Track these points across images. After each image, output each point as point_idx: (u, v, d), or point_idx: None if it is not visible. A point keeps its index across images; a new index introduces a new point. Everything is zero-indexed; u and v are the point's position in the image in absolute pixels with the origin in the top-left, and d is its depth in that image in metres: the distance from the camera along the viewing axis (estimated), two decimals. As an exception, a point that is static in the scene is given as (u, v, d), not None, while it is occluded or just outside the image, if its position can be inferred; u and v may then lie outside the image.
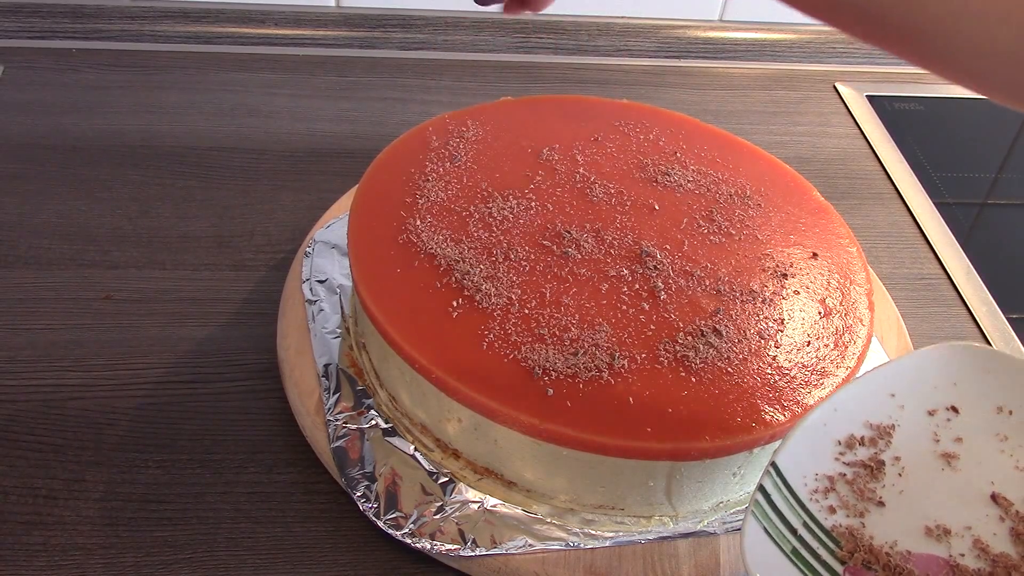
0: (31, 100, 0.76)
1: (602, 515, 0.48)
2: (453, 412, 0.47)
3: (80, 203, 0.67)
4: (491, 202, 0.55)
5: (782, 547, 0.38)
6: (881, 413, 0.43)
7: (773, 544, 0.38)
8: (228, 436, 0.53)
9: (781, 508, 0.39)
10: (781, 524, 0.39)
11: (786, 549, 0.38)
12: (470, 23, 0.88)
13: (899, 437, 0.43)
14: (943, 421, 0.44)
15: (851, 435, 0.42)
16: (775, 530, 0.39)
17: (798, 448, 0.41)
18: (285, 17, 0.86)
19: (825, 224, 0.57)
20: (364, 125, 0.78)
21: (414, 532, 0.46)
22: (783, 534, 0.38)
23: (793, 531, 0.39)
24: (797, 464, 0.40)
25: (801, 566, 0.38)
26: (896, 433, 0.43)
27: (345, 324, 0.56)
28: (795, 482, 0.40)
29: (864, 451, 0.42)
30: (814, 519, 0.40)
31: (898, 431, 0.43)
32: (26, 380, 0.55)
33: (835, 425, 0.42)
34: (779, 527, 0.39)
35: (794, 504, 0.39)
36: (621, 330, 0.48)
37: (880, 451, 0.42)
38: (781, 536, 0.38)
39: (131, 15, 0.84)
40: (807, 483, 0.40)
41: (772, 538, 0.38)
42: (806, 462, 0.41)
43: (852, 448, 0.42)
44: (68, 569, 0.46)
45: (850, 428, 0.42)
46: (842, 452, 0.42)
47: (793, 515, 0.39)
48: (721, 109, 0.85)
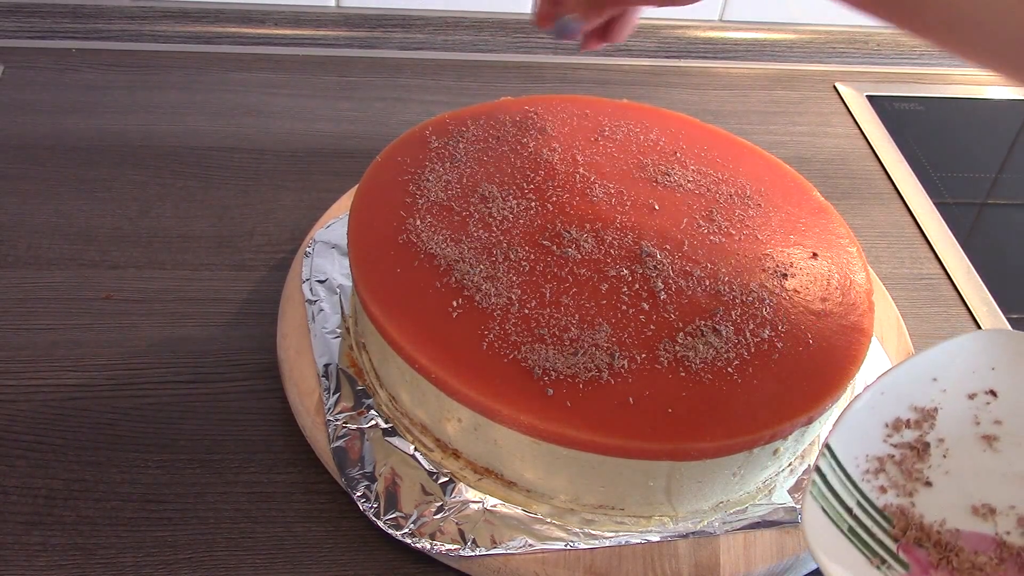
0: (31, 100, 0.76)
1: (602, 515, 0.48)
2: (453, 412, 0.47)
3: (80, 203, 0.67)
4: (491, 202, 0.55)
5: (839, 526, 0.39)
6: (924, 397, 0.44)
7: (831, 523, 0.39)
8: (228, 436, 0.53)
9: (836, 488, 0.41)
10: (837, 504, 0.40)
11: (843, 528, 0.39)
12: (470, 23, 0.88)
13: (942, 419, 0.44)
14: (983, 404, 0.45)
15: (897, 418, 0.44)
16: (832, 510, 0.40)
17: (849, 431, 0.42)
18: (285, 17, 0.86)
19: (825, 224, 0.57)
20: (364, 125, 0.78)
21: (414, 532, 0.46)
22: (840, 513, 0.40)
23: (848, 510, 0.40)
24: (849, 446, 0.42)
25: (858, 543, 0.39)
26: (939, 416, 0.44)
27: (345, 324, 0.56)
28: (848, 463, 0.41)
29: (910, 433, 0.43)
30: (867, 499, 0.41)
31: (941, 414, 0.44)
32: (26, 380, 0.55)
33: (882, 408, 0.44)
34: (836, 507, 0.40)
35: (848, 485, 0.41)
36: (621, 330, 0.48)
37: (925, 433, 0.44)
38: (838, 515, 0.40)
39: (131, 15, 0.84)
40: (859, 464, 0.42)
41: (830, 517, 0.40)
42: (857, 444, 0.42)
43: (899, 430, 0.43)
44: (68, 569, 0.46)
45: (896, 411, 0.44)
46: (890, 434, 0.43)
47: (848, 495, 0.41)
48: (721, 109, 0.85)
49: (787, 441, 0.48)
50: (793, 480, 0.51)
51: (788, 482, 0.51)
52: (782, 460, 0.50)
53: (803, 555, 0.48)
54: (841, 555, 0.38)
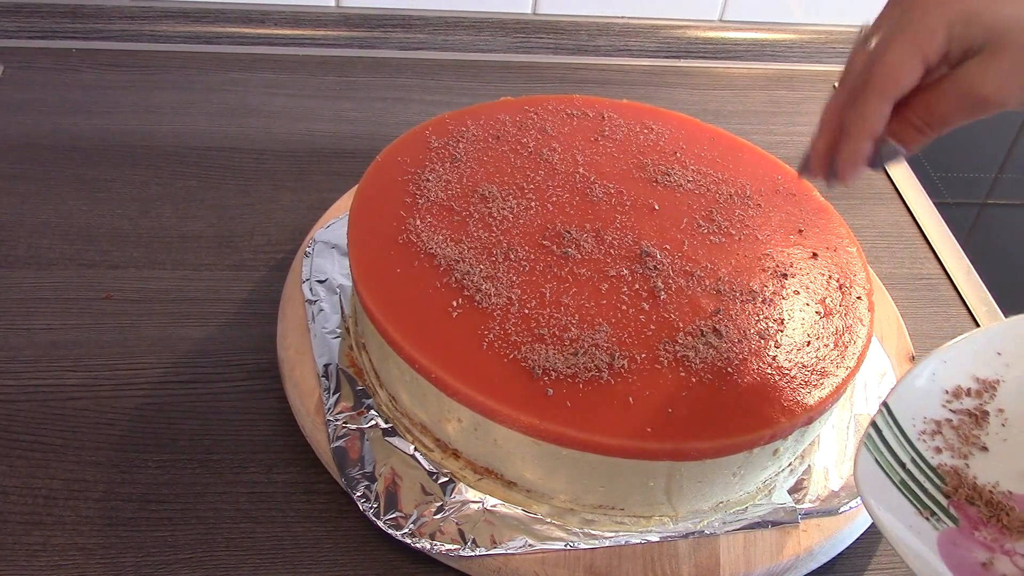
0: (31, 100, 0.76)
1: (602, 515, 0.48)
2: (453, 412, 0.47)
3: (80, 203, 0.67)
4: (491, 202, 0.55)
5: (891, 477, 0.40)
6: (988, 368, 0.45)
7: (883, 473, 0.40)
8: (228, 436, 0.53)
9: (891, 444, 0.41)
10: (891, 457, 0.41)
11: (894, 479, 0.40)
12: (470, 23, 0.88)
13: (1003, 391, 0.45)
14: None
15: (958, 386, 0.44)
16: (885, 462, 0.41)
17: (908, 393, 0.43)
18: (285, 17, 0.86)
19: (825, 224, 0.57)
20: (364, 125, 0.78)
21: (414, 532, 0.46)
22: (892, 466, 0.41)
23: (902, 465, 0.41)
24: (907, 407, 0.42)
25: (908, 495, 0.40)
26: (1000, 388, 0.45)
27: (345, 324, 0.56)
28: (904, 422, 0.42)
29: (970, 401, 0.44)
30: (921, 457, 0.42)
31: (1002, 386, 0.45)
32: (26, 380, 0.55)
33: (944, 376, 0.45)
34: (889, 459, 0.41)
35: (903, 442, 0.42)
36: (621, 330, 0.48)
37: (985, 403, 0.44)
38: (890, 467, 0.41)
39: (131, 15, 0.84)
40: (915, 424, 0.42)
41: (882, 468, 0.41)
42: (915, 406, 0.43)
43: (959, 397, 0.44)
44: (68, 569, 0.46)
45: (957, 379, 0.45)
46: (949, 400, 0.44)
47: (902, 451, 0.42)
48: (721, 109, 0.85)
49: (787, 441, 0.48)
50: (793, 480, 0.51)
51: (788, 482, 0.51)
52: (782, 460, 0.50)
53: (803, 555, 0.48)
54: (890, 502, 0.39)
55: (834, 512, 0.50)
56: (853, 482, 0.51)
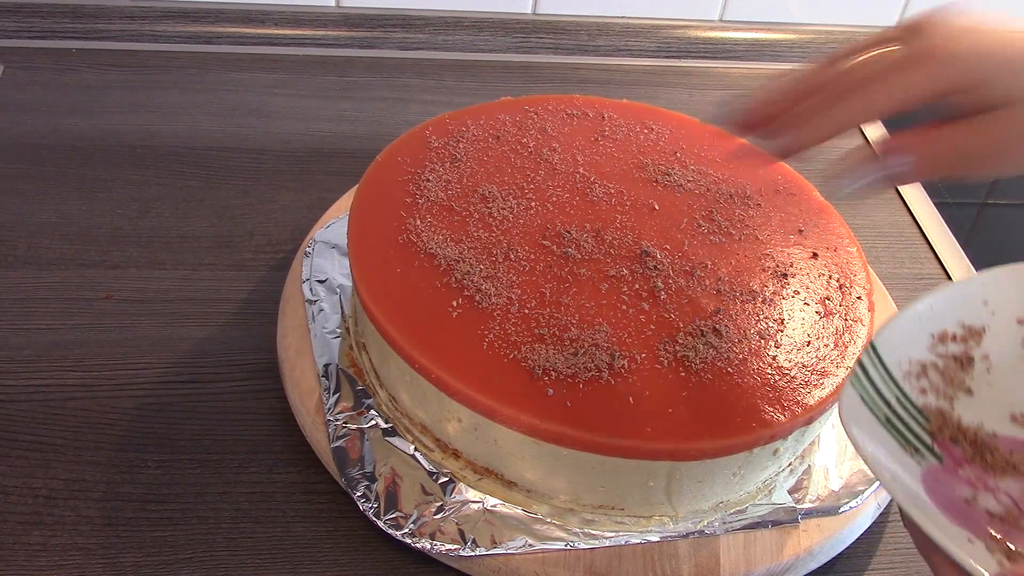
0: (31, 100, 0.76)
1: (602, 515, 0.48)
2: (453, 412, 0.47)
3: (80, 203, 0.67)
4: (491, 202, 0.55)
5: (875, 413, 0.40)
6: (974, 316, 0.45)
7: (868, 409, 0.40)
8: (228, 436, 0.53)
9: (876, 382, 0.42)
10: (876, 395, 0.41)
11: (879, 416, 0.40)
12: (470, 23, 0.88)
13: (988, 339, 0.45)
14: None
15: (944, 330, 0.44)
16: (870, 398, 0.41)
17: (895, 334, 0.43)
18: (285, 17, 0.86)
19: (825, 224, 0.57)
20: (364, 125, 0.78)
21: (414, 532, 0.46)
22: (877, 403, 0.41)
23: (887, 403, 0.41)
24: (893, 348, 0.43)
25: (892, 431, 0.40)
26: (986, 335, 0.45)
27: (345, 324, 0.56)
28: (890, 363, 0.42)
29: (955, 346, 0.44)
30: (906, 396, 0.42)
31: (988, 334, 0.45)
32: (26, 380, 0.55)
33: (930, 320, 0.45)
34: (874, 396, 0.41)
35: (888, 381, 0.42)
36: (621, 330, 0.48)
37: (970, 349, 0.44)
38: (875, 404, 0.41)
39: (131, 15, 0.84)
40: (901, 365, 0.43)
41: (867, 404, 0.41)
42: (901, 347, 0.43)
43: (944, 342, 0.44)
44: (68, 569, 0.46)
45: (944, 325, 0.45)
46: (935, 344, 0.44)
47: (887, 390, 0.42)
48: (721, 109, 0.85)
49: (787, 441, 0.48)
50: (793, 480, 0.51)
51: (788, 482, 0.51)
52: (782, 460, 0.50)
53: (803, 555, 0.48)
54: (874, 435, 0.39)
55: (834, 512, 0.50)
56: (848, 480, 0.52)
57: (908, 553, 0.52)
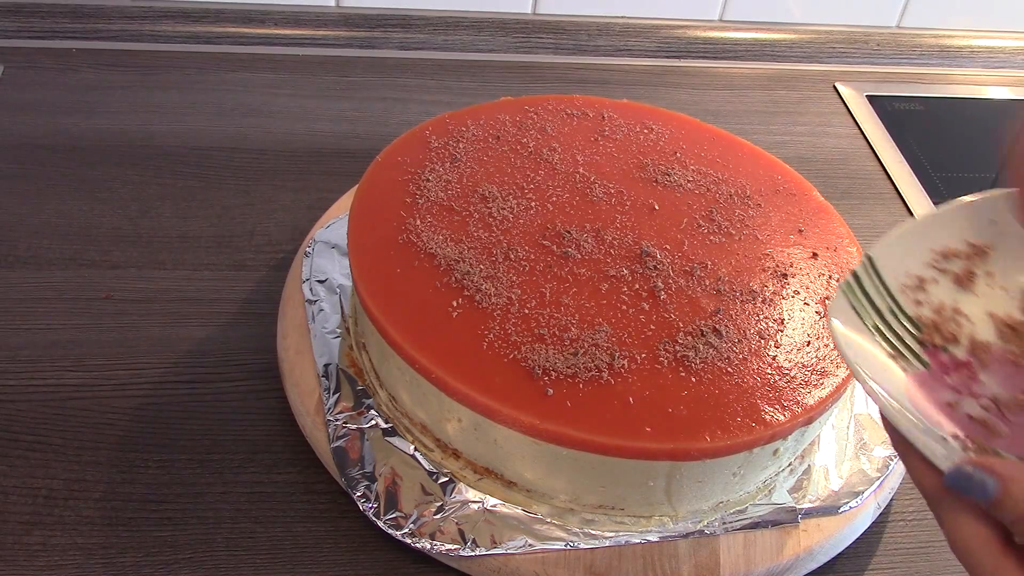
0: (31, 100, 0.76)
1: (602, 515, 0.48)
2: (453, 412, 0.47)
3: (80, 203, 0.67)
4: (491, 202, 0.55)
5: (865, 321, 0.40)
6: (980, 234, 0.44)
7: (856, 316, 0.40)
8: (228, 436, 0.53)
9: (870, 292, 0.41)
10: (867, 303, 0.41)
11: (868, 324, 0.40)
12: (470, 23, 0.88)
13: (994, 257, 0.44)
14: None
15: (947, 247, 0.44)
16: (861, 306, 0.40)
17: (894, 246, 0.42)
18: (285, 17, 0.86)
19: (825, 224, 0.57)
20: (364, 125, 0.78)
21: (414, 532, 0.46)
22: (867, 311, 0.41)
23: (878, 312, 0.41)
24: (891, 259, 0.42)
25: (880, 338, 0.40)
26: (992, 253, 0.44)
27: (345, 324, 0.56)
28: (887, 274, 0.42)
29: (958, 263, 0.43)
30: (900, 307, 0.41)
31: (994, 252, 0.44)
32: (26, 380, 0.55)
33: (934, 235, 0.44)
34: (865, 304, 0.41)
35: (883, 291, 0.41)
36: (621, 330, 0.48)
37: (974, 264, 0.44)
38: (865, 312, 0.41)
39: (131, 15, 0.84)
40: (898, 278, 0.42)
41: (856, 312, 0.40)
42: (900, 259, 0.42)
43: (947, 258, 0.43)
44: (68, 569, 0.46)
45: (947, 241, 0.44)
46: (936, 259, 0.43)
47: (880, 300, 0.41)
48: (721, 109, 0.85)
49: (787, 441, 0.48)
50: (793, 480, 0.51)
51: (788, 482, 0.51)
52: (782, 460, 0.50)
53: (803, 555, 0.48)
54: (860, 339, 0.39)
55: (834, 512, 0.50)
56: (848, 480, 0.51)
57: (908, 553, 0.52)
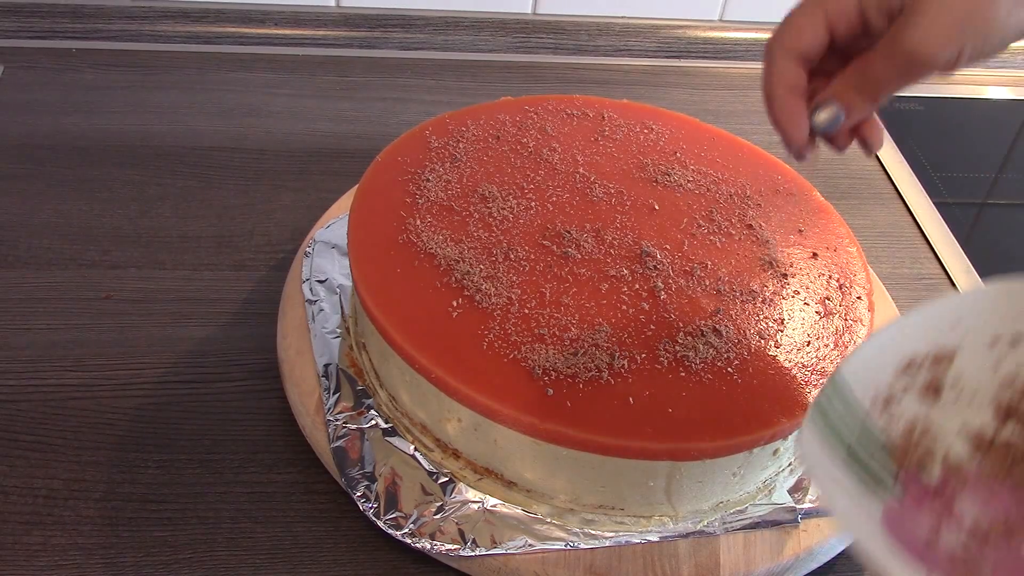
0: (31, 100, 0.76)
1: (602, 515, 0.48)
2: (453, 412, 0.47)
3: (80, 203, 0.67)
4: (491, 202, 0.55)
5: (837, 448, 0.39)
6: (945, 339, 0.44)
7: (829, 447, 0.39)
8: (228, 436, 0.53)
9: (840, 413, 0.40)
10: (839, 427, 0.40)
11: (841, 453, 0.39)
12: (470, 23, 0.88)
13: (959, 362, 0.44)
14: (1006, 349, 0.44)
15: (913, 356, 0.43)
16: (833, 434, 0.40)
17: (862, 363, 0.42)
18: (285, 17, 0.86)
19: (825, 224, 0.57)
20: (364, 125, 0.78)
21: (414, 532, 0.46)
22: (840, 437, 0.40)
23: (850, 435, 0.40)
24: (859, 377, 0.41)
25: (854, 467, 0.39)
26: (958, 358, 0.44)
27: (345, 324, 0.56)
28: (857, 390, 0.41)
29: (925, 373, 0.43)
30: (871, 429, 0.41)
31: (959, 357, 0.44)
32: (26, 380, 0.55)
33: (899, 345, 0.43)
34: (838, 429, 0.40)
35: (853, 413, 0.41)
36: (621, 330, 0.48)
37: (940, 374, 0.43)
38: (838, 440, 0.40)
39: (131, 15, 0.84)
40: (867, 395, 0.41)
41: (829, 442, 0.39)
42: (868, 376, 0.42)
43: (913, 368, 0.43)
44: (68, 569, 0.46)
45: (913, 350, 0.43)
46: (903, 371, 0.43)
47: (852, 421, 0.40)
48: (721, 109, 0.85)
49: (787, 441, 0.48)
50: (793, 480, 0.51)
51: (788, 482, 0.51)
52: (782, 460, 0.50)
53: (803, 555, 0.48)
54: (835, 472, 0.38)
55: (834, 512, 0.50)
56: None
57: (908, 553, 0.52)
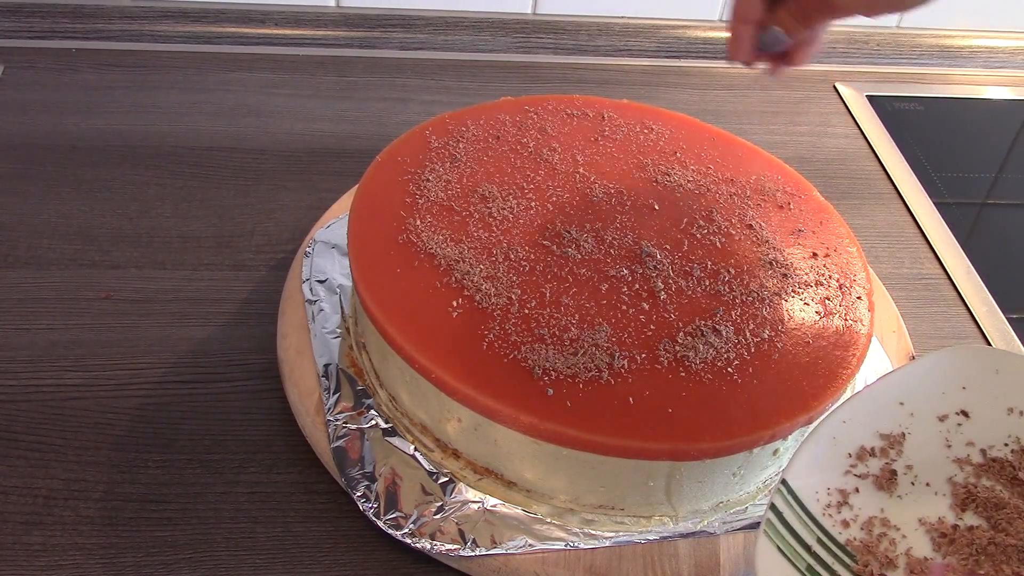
0: (31, 100, 0.76)
1: (602, 515, 0.48)
2: (453, 412, 0.47)
3: (80, 203, 0.67)
4: (491, 202, 0.55)
5: (796, 565, 0.37)
6: (891, 422, 0.42)
7: (787, 562, 0.37)
8: (228, 436, 0.53)
9: (794, 525, 0.39)
10: (795, 541, 0.38)
11: (800, 567, 0.37)
12: (470, 23, 0.88)
13: (910, 445, 0.42)
14: (954, 426, 0.43)
15: (861, 447, 0.42)
16: (789, 548, 0.38)
17: (808, 463, 0.40)
18: (285, 17, 0.86)
19: (825, 224, 0.57)
20: (364, 125, 0.78)
21: (414, 532, 0.46)
22: (797, 552, 0.38)
23: (807, 548, 0.38)
24: (808, 480, 0.40)
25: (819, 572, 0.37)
26: (907, 441, 0.42)
27: (345, 324, 0.56)
28: (807, 498, 0.39)
29: (876, 462, 0.41)
30: (828, 534, 0.39)
31: (909, 439, 0.42)
32: (26, 380, 0.55)
33: (845, 437, 0.41)
34: (792, 544, 0.38)
35: (807, 520, 0.39)
36: (621, 330, 0.48)
37: (892, 461, 0.41)
38: (795, 554, 0.38)
39: (131, 15, 0.84)
40: (819, 498, 0.40)
41: (786, 556, 0.38)
42: (817, 477, 0.40)
43: (863, 460, 0.41)
44: (68, 569, 0.46)
45: (860, 439, 0.42)
46: (853, 464, 0.41)
47: (806, 532, 0.39)
48: (721, 109, 0.85)
49: (787, 441, 0.48)
50: (793, 480, 0.51)
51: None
52: (782, 460, 0.50)
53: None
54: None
55: (834, 512, 0.50)
56: None
57: (908, 553, 0.52)
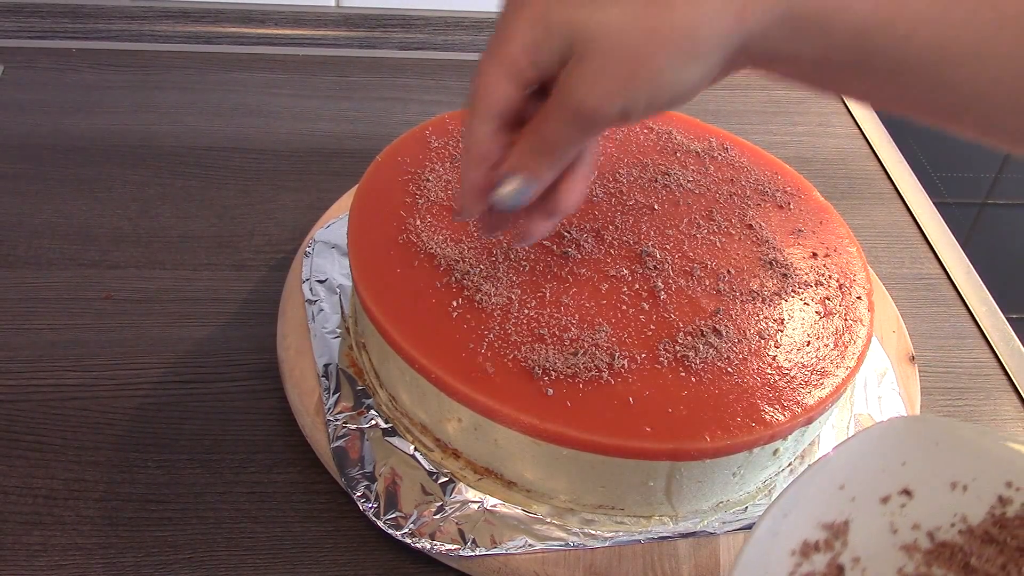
0: (31, 100, 0.76)
1: (602, 515, 0.48)
2: (453, 412, 0.47)
3: (80, 203, 0.67)
4: (491, 202, 0.55)
5: None
6: (832, 510, 0.39)
7: None
8: (228, 436, 0.53)
9: None
10: None
11: None
12: (470, 23, 0.88)
13: (855, 534, 0.39)
14: (898, 508, 0.40)
15: (805, 541, 0.38)
16: None
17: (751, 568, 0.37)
18: (285, 17, 0.86)
19: (825, 224, 0.57)
20: (364, 125, 0.78)
21: (414, 532, 0.46)
22: None
23: None
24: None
25: None
26: (851, 530, 0.39)
27: (345, 324, 0.56)
28: None
29: (821, 557, 0.38)
30: None
31: (853, 527, 0.39)
32: (26, 380, 0.55)
33: (786, 533, 0.38)
34: None
35: None
36: (621, 330, 0.48)
37: (838, 554, 0.38)
38: None
39: (131, 15, 0.84)
40: None
41: None
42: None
43: (808, 556, 0.38)
44: (68, 569, 0.46)
45: (802, 533, 0.39)
46: (798, 563, 0.38)
47: None
48: (721, 109, 0.85)
49: (787, 441, 0.48)
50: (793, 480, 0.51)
51: (788, 482, 0.51)
52: (782, 460, 0.50)
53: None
54: None
55: (834, 512, 0.50)
56: None
57: (908, 553, 0.52)
